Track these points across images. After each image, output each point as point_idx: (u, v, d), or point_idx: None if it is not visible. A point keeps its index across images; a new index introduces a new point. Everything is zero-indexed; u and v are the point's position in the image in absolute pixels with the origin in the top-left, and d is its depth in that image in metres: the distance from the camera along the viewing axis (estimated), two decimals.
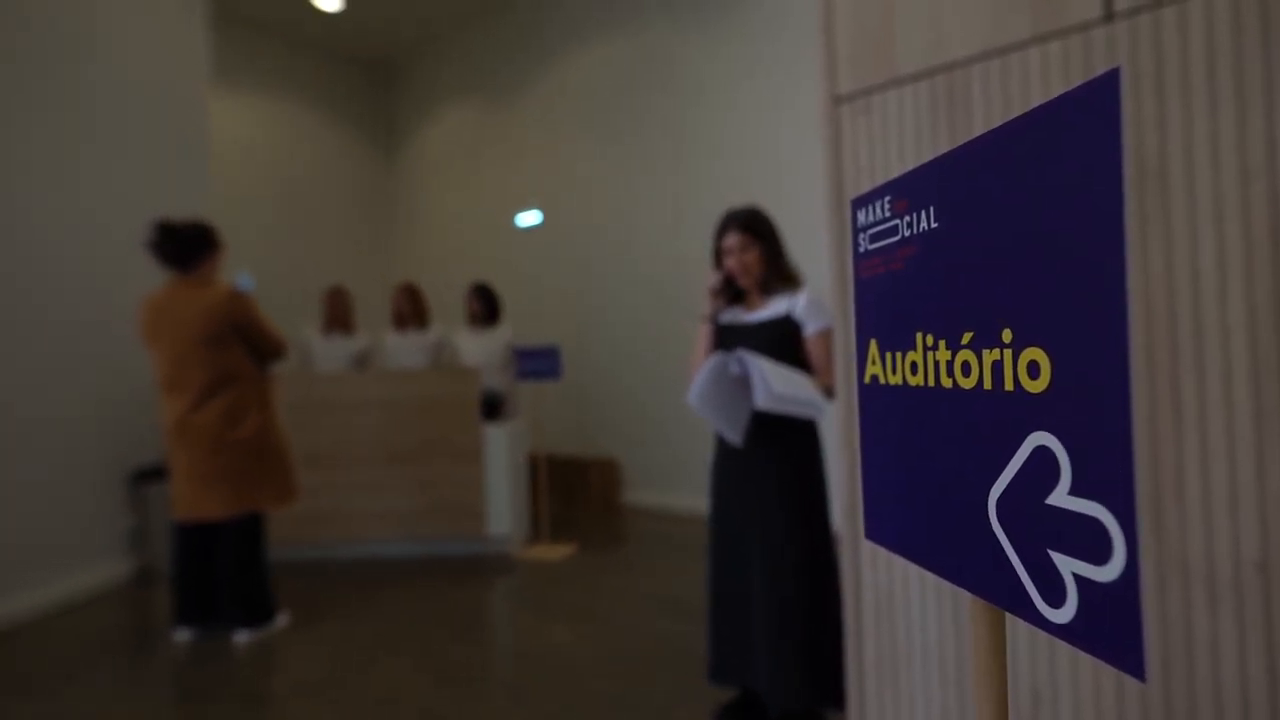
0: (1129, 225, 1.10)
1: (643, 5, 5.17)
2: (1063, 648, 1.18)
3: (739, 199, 4.68)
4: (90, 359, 3.60)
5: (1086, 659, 1.16)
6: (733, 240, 1.92)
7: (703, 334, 1.97)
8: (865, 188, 1.39)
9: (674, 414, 4.99)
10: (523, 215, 6.03)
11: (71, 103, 3.59)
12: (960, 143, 0.58)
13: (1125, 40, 1.12)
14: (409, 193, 7.25)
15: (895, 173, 1.40)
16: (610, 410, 5.42)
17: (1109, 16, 1.14)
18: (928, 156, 1.39)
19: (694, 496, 4.86)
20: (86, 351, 3.58)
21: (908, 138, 1.33)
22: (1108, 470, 0.35)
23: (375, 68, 7.26)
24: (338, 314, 4.36)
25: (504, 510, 3.93)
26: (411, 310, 4.37)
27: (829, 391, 1.83)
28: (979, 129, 1.28)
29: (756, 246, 1.91)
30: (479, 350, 4.28)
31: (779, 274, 1.93)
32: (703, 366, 1.78)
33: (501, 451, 3.96)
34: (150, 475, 3.79)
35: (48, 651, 2.80)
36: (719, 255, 1.97)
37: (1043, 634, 1.20)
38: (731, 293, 1.98)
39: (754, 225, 1.92)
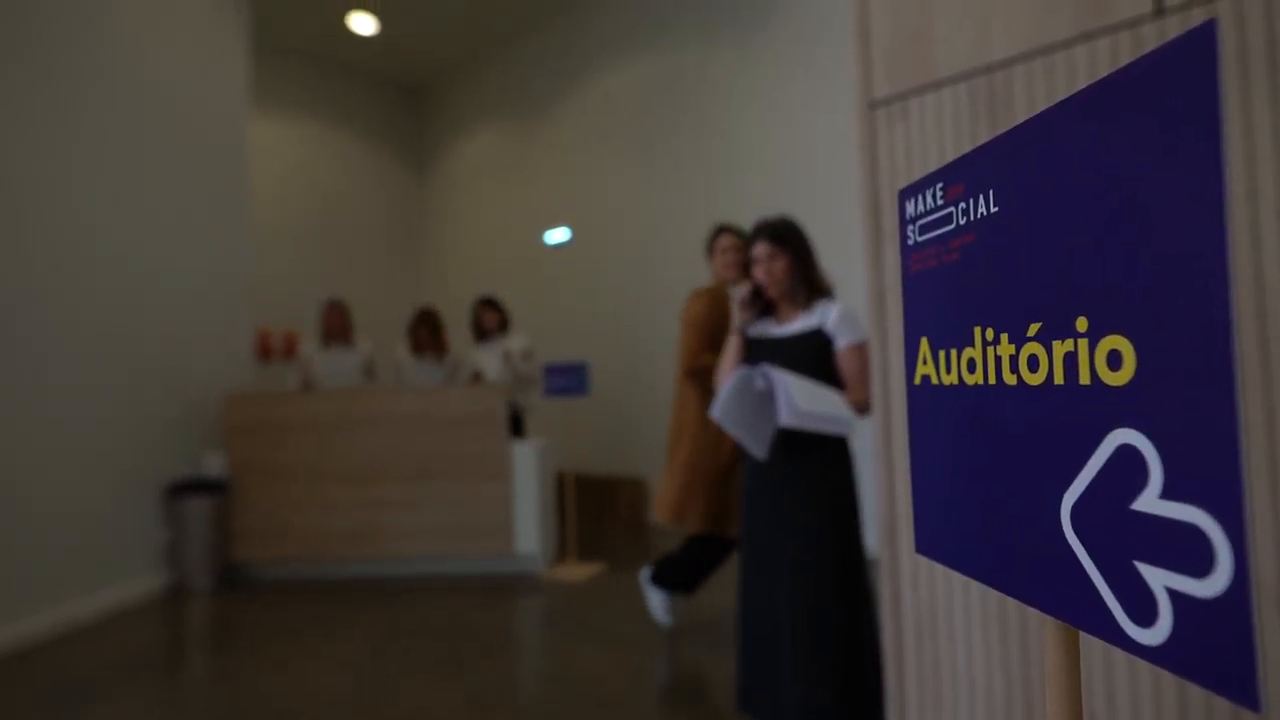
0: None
1: (672, 23, 5.21)
2: (1121, 671, 1.11)
3: (773, 213, 4.67)
4: (128, 373, 3.67)
5: (1147, 684, 1.09)
6: (760, 250, 1.89)
7: (731, 346, 1.93)
8: None
9: None
10: (551, 233, 6.06)
11: (115, 126, 3.70)
12: None
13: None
14: (441, 212, 7.34)
15: None
16: (639, 429, 5.38)
17: (1159, 11, 1.09)
18: None
19: None
20: (124, 366, 3.65)
21: (947, 141, 1.29)
22: (1208, 469, 0.31)
23: (408, 90, 7.40)
24: (334, 326, 4.39)
25: (531, 529, 3.90)
26: (430, 338, 4.38)
27: (861, 408, 1.78)
28: None
29: (784, 256, 1.87)
30: (495, 361, 4.30)
31: (809, 285, 1.89)
32: (727, 380, 1.74)
33: (529, 469, 3.94)
34: (185, 489, 3.84)
35: (79, 667, 2.82)
36: (748, 266, 1.94)
37: (1099, 657, 1.13)
38: (762, 305, 1.95)
39: (782, 234, 1.88)
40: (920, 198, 0.53)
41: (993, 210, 0.45)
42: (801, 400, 1.58)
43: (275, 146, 6.24)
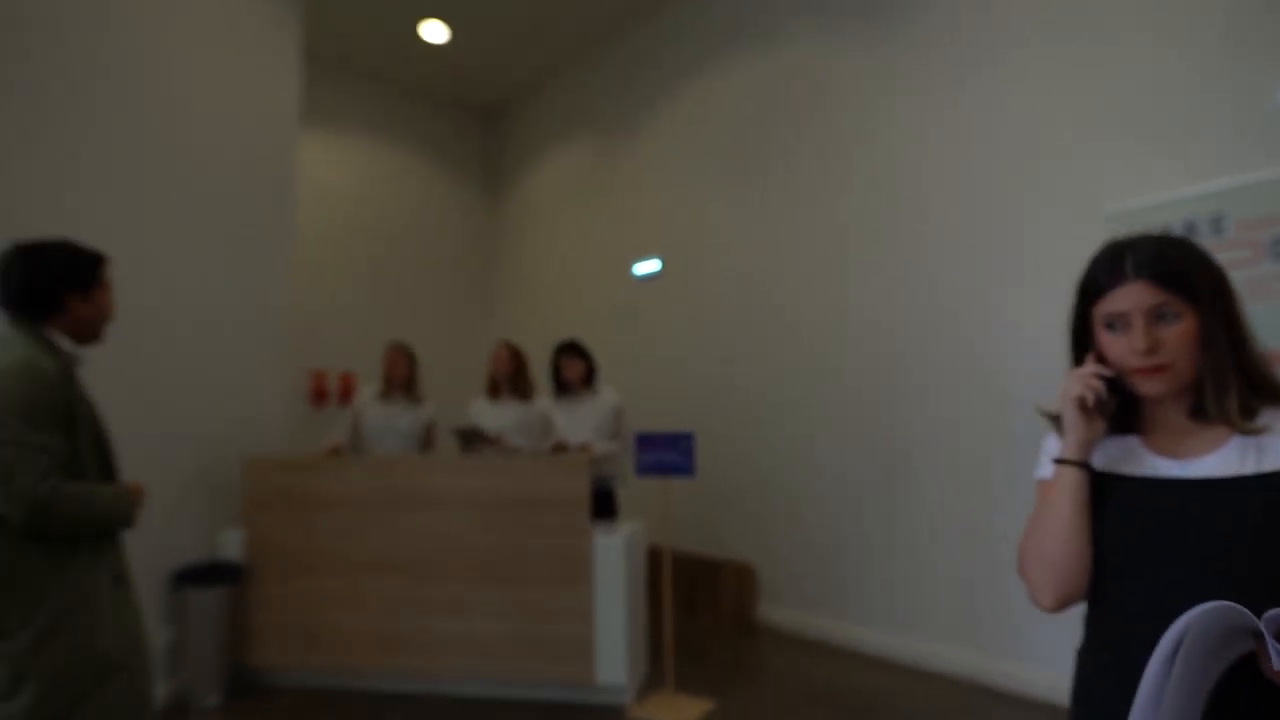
0: None
1: (783, 19, 4.33)
2: None
3: (923, 237, 3.64)
4: (135, 425, 2.98)
5: None
6: (1129, 299, 0.91)
7: (1065, 494, 0.94)
8: None
9: (822, 510, 3.93)
10: (640, 264, 5.22)
11: (158, 145, 3.21)
12: None
13: None
14: (513, 242, 6.64)
15: None
16: (744, 503, 4.39)
17: None
18: None
19: (850, 621, 3.74)
20: (129, 416, 2.96)
21: None
22: None
23: (478, 109, 6.78)
24: (397, 375, 3.61)
25: (618, 650, 2.96)
26: (512, 375, 3.58)
27: None
28: None
29: (1189, 314, 0.91)
30: (581, 427, 3.41)
31: (1244, 375, 0.92)
32: (1170, 633, 0.73)
33: (617, 569, 3.02)
34: (193, 577, 3.11)
35: None
36: (1084, 328, 0.99)
37: None
38: (1115, 406, 0.98)
39: (1178, 271, 0.91)
40: None
41: None
42: None
43: (333, 169, 5.67)
